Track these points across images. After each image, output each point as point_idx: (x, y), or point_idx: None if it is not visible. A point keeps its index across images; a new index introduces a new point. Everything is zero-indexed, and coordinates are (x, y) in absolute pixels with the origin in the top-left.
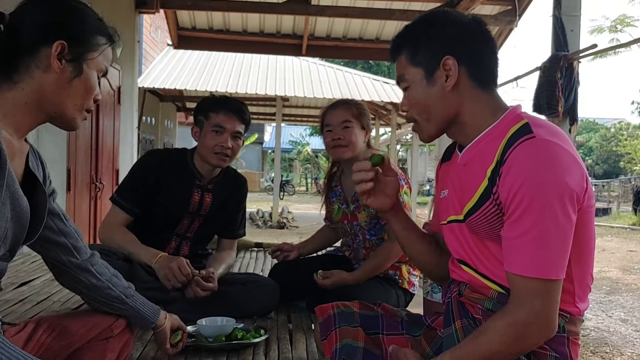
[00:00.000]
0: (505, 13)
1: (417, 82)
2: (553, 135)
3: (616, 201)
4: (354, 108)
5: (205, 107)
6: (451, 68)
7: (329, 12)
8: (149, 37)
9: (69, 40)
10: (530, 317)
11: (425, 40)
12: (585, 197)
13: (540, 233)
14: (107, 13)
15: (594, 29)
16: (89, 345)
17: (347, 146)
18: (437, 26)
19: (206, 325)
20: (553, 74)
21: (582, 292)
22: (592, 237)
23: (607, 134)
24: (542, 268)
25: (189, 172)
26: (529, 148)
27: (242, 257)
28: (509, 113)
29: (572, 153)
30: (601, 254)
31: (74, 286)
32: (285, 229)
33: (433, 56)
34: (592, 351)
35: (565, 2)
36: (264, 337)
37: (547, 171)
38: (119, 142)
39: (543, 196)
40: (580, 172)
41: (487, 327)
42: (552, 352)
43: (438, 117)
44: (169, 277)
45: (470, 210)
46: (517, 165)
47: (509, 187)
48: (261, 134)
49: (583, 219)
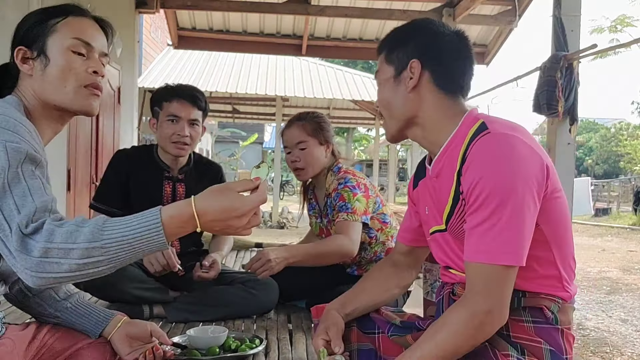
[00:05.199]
0: (505, 13)
1: (387, 80)
2: (508, 129)
3: (616, 201)
4: (309, 124)
5: (159, 97)
6: (416, 71)
7: (329, 12)
8: (149, 37)
9: (23, 41)
10: (488, 306)
11: (402, 42)
12: (548, 185)
13: (497, 221)
14: (107, 13)
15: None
16: (90, 345)
17: (304, 168)
18: (416, 31)
19: (197, 337)
20: (553, 74)
21: (568, 276)
22: (565, 222)
23: (607, 134)
24: (500, 255)
25: (157, 166)
26: (485, 142)
27: (242, 257)
28: (466, 117)
29: (529, 144)
30: (601, 254)
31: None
32: (285, 229)
33: (404, 57)
34: (592, 351)
35: (565, 2)
36: (260, 348)
37: (504, 162)
38: (119, 142)
39: (500, 186)
40: (539, 162)
41: (446, 320)
42: (546, 345)
43: (398, 115)
44: (151, 261)
45: (448, 216)
46: (475, 160)
47: (469, 182)
48: (261, 134)
49: (551, 205)
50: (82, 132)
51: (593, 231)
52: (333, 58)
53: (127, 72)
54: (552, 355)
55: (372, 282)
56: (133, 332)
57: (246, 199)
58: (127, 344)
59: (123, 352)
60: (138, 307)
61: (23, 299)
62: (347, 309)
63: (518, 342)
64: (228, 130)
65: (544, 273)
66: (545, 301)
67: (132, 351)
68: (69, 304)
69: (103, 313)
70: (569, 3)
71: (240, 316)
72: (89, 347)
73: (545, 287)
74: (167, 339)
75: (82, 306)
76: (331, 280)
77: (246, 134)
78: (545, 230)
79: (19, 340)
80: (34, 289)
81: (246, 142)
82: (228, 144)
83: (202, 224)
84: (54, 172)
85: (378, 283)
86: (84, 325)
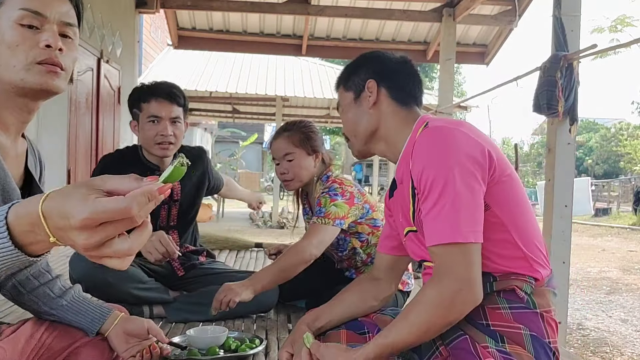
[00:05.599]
0: (505, 13)
1: (348, 104)
2: (447, 123)
3: (616, 201)
4: (296, 134)
5: (136, 99)
6: (373, 89)
7: (329, 12)
8: (149, 37)
9: None
10: (457, 285)
11: (355, 70)
12: (494, 168)
13: (444, 203)
14: (107, 13)
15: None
16: (89, 343)
17: (292, 180)
18: (366, 60)
19: (197, 337)
20: (553, 74)
21: (535, 256)
22: (520, 203)
23: (607, 134)
24: (455, 233)
25: (144, 166)
26: (424, 135)
27: (242, 257)
28: (418, 122)
29: (467, 133)
30: (601, 254)
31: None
32: (285, 229)
33: (360, 81)
34: (592, 351)
35: (565, 2)
36: (260, 348)
37: (441, 149)
38: (119, 142)
39: (442, 170)
40: (478, 147)
41: (416, 301)
42: (526, 330)
43: (362, 132)
44: (150, 250)
45: (413, 215)
46: (417, 153)
47: (416, 175)
48: (261, 134)
49: (500, 188)
50: (82, 132)
51: (593, 231)
52: (333, 58)
53: (127, 72)
54: (533, 339)
55: (350, 294)
56: (130, 329)
57: (93, 203)
58: (124, 341)
59: (120, 349)
60: (138, 307)
61: (17, 295)
62: (319, 323)
63: (497, 329)
64: (228, 130)
65: (507, 254)
66: (516, 282)
67: (128, 348)
68: (64, 301)
69: (99, 310)
70: (569, 3)
71: (240, 316)
72: (87, 345)
73: (512, 268)
74: (164, 336)
75: (78, 303)
76: (330, 280)
77: (246, 134)
78: (498, 213)
79: (12, 340)
80: (28, 285)
81: (246, 142)
82: (228, 144)
83: (52, 231)
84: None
85: (355, 295)
86: (80, 323)
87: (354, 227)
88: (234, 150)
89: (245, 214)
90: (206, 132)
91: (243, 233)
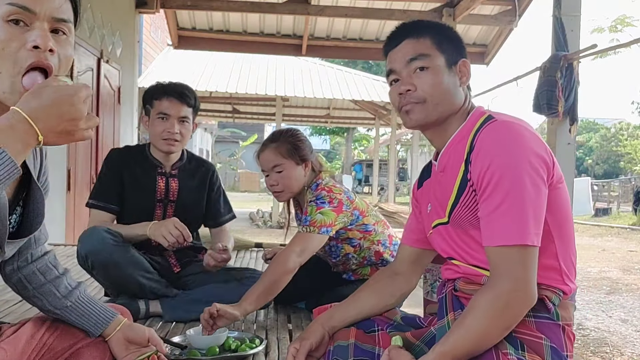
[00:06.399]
0: (505, 13)
1: (441, 67)
2: (514, 119)
3: (616, 201)
4: (284, 145)
5: (150, 95)
6: (467, 69)
7: (329, 12)
8: (149, 37)
9: None
10: (512, 285)
11: (448, 38)
12: (554, 171)
13: (512, 203)
14: (107, 13)
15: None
16: (90, 344)
17: (283, 191)
18: (457, 36)
19: (197, 337)
20: (553, 74)
21: (568, 270)
22: (567, 214)
23: (607, 134)
24: (517, 235)
25: (149, 162)
26: (492, 129)
27: (242, 257)
28: (474, 112)
29: (534, 132)
30: (601, 254)
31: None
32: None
33: (455, 52)
34: (592, 351)
35: (565, 2)
36: (260, 348)
37: (511, 145)
38: (119, 142)
39: (511, 169)
40: (544, 148)
41: (471, 306)
42: (547, 341)
43: (447, 104)
44: (164, 234)
45: (452, 206)
46: (483, 146)
47: (479, 169)
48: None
49: (555, 195)
50: None
51: (593, 231)
52: (333, 58)
53: (127, 72)
54: (552, 351)
55: (365, 293)
56: (131, 336)
57: (70, 86)
58: (124, 347)
59: (119, 355)
60: (135, 302)
61: (23, 290)
62: (334, 322)
63: (519, 337)
64: (228, 130)
65: (545, 263)
66: (546, 292)
67: (128, 354)
68: (69, 302)
69: (104, 313)
70: (569, 3)
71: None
72: (88, 345)
73: (545, 278)
74: (163, 347)
75: (82, 305)
76: (330, 282)
77: (246, 134)
78: (549, 219)
79: (13, 340)
80: (34, 281)
81: (246, 142)
82: (228, 144)
83: (40, 128)
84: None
85: (371, 295)
86: (84, 325)
87: (345, 234)
88: (234, 150)
89: (245, 214)
90: (206, 132)
91: (243, 233)
